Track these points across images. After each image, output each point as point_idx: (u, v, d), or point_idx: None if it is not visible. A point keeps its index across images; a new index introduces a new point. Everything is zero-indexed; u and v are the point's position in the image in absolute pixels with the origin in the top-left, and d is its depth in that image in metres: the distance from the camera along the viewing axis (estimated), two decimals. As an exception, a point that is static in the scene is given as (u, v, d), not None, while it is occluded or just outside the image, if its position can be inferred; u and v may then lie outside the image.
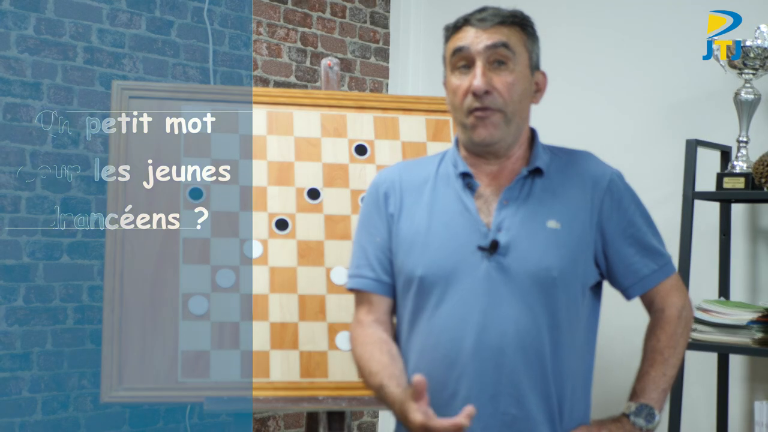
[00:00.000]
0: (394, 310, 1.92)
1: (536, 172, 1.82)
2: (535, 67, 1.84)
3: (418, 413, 1.61)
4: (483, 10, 1.81)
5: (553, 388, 1.75)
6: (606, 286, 1.89)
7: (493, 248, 1.75)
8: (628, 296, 1.87)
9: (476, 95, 1.75)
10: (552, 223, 1.78)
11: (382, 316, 1.90)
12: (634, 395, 1.81)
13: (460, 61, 1.79)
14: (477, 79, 1.75)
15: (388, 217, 1.87)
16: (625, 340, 2.81)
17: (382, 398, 1.76)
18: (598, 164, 1.87)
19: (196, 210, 2.59)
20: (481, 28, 1.78)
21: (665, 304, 1.85)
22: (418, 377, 1.60)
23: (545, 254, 1.75)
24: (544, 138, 1.92)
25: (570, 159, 1.87)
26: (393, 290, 1.89)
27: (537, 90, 1.86)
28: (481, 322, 1.74)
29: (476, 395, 1.74)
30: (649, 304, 1.87)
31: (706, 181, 2.92)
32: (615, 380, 2.62)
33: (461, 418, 1.58)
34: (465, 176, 1.83)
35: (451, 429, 1.58)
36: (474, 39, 1.77)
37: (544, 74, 1.87)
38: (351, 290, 1.92)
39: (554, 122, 3.42)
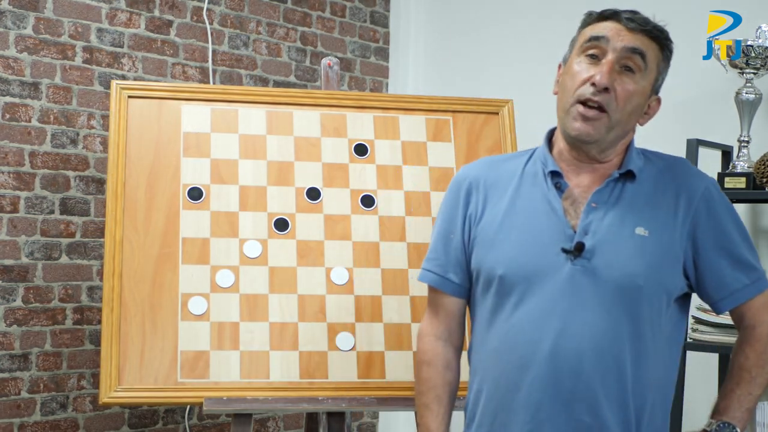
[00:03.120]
0: (465, 309, 1.90)
1: (628, 175, 1.78)
2: (655, 90, 1.81)
3: None
4: (634, 12, 1.77)
5: (632, 398, 1.71)
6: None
7: (577, 251, 1.71)
8: (717, 310, 1.81)
9: (596, 87, 1.71)
10: (640, 230, 1.73)
11: (450, 321, 1.89)
12: (716, 413, 1.77)
13: (592, 48, 1.75)
14: (603, 74, 1.71)
15: (467, 217, 1.84)
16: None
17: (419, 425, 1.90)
18: (694, 172, 1.83)
19: (196, 210, 2.59)
20: (627, 27, 1.74)
21: (756, 321, 1.78)
22: None
23: (631, 261, 1.71)
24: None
25: (665, 165, 1.82)
26: (463, 290, 1.87)
27: (646, 113, 1.82)
28: (560, 326, 1.70)
29: (550, 400, 1.70)
30: (739, 320, 1.81)
31: (707, 181, 2.91)
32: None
33: None
34: (554, 175, 1.79)
35: None
36: (616, 34, 1.74)
37: (659, 100, 1.84)
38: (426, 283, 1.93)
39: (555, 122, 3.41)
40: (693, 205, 1.77)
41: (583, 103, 1.73)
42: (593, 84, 1.71)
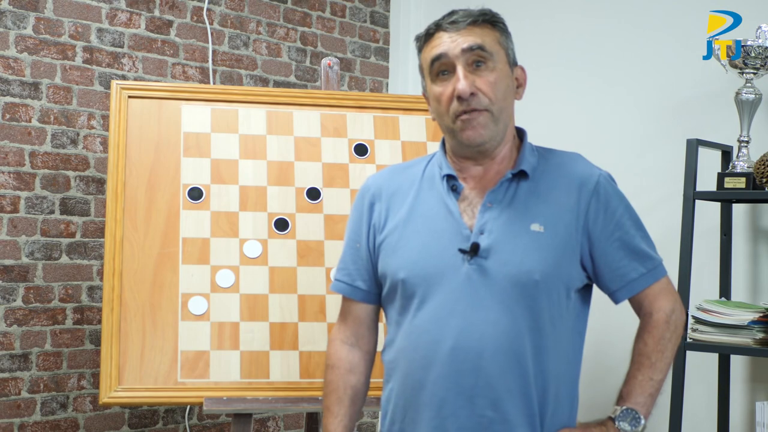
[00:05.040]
0: (376, 315, 1.95)
1: (521, 174, 1.81)
2: (513, 63, 1.84)
3: None
4: (453, 13, 1.80)
5: (534, 391, 1.74)
6: (596, 288, 1.88)
7: (473, 251, 1.75)
8: (615, 300, 1.85)
9: (462, 99, 1.74)
10: (535, 227, 1.77)
11: (359, 326, 1.95)
12: (620, 399, 1.80)
13: (440, 68, 1.78)
14: (461, 82, 1.74)
15: (371, 226, 1.89)
16: (619, 342, 2.80)
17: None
18: (586, 166, 1.86)
19: (196, 210, 2.59)
20: (454, 31, 1.77)
21: (653, 308, 1.83)
22: None
23: (527, 257, 1.74)
24: (544, 139, 1.90)
25: (558, 161, 1.86)
26: (371, 296, 1.92)
27: (518, 86, 1.85)
28: (460, 324, 1.74)
29: (453, 397, 1.74)
30: (638, 308, 1.86)
31: (707, 181, 2.92)
32: (610, 382, 2.61)
33: None
34: (449, 178, 1.83)
35: None
36: (450, 44, 1.76)
37: (522, 69, 1.87)
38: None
39: (555, 123, 3.41)
40: (586, 199, 1.80)
41: (461, 114, 1.76)
42: (459, 97, 1.75)
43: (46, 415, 3.08)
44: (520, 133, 1.88)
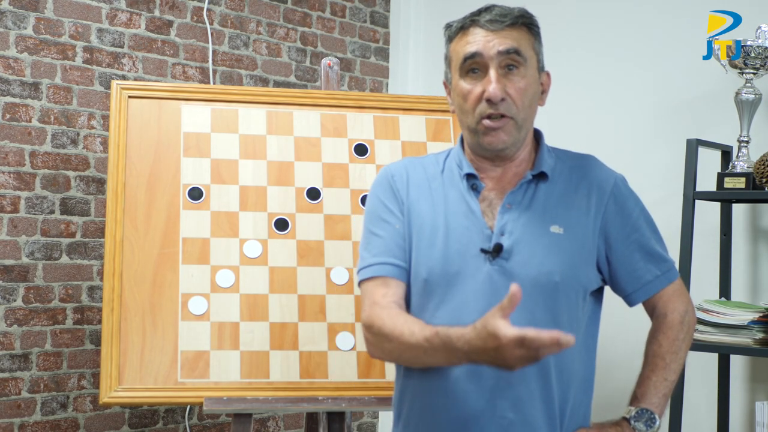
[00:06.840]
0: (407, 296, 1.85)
1: (541, 176, 1.81)
2: (541, 68, 1.82)
3: (510, 328, 1.45)
4: (490, 9, 1.77)
5: (556, 392, 1.74)
6: (607, 290, 1.88)
7: (496, 252, 1.74)
8: (630, 302, 1.85)
9: (491, 102, 1.72)
10: (555, 228, 1.76)
11: (399, 300, 1.80)
12: (634, 400, 1.81)
13: (471, 65, 1.76)
14: (493, 86, 1.72)
15: (402, 205, 1.83)
16: (626, 342, 2.80)
17: (434, 347, 1.62)
18: (602, 169, 1.86)
19: (196, 210, 2.59)
20: (491, 31, 1.74)
21: (667, 309, 1.84)
22: (514, 287, 1.45)
23: (547, 259, 1.74)
24: (544, 139, 1.91)
25: (574, 163, 1.85)
26: (408, 276, 1.82)
27: (542, 91, 1.84)
28: None
29: (473, 399, 1.73)
30: (651, 310, 1.86)
31: (706, 181, 2.92)
32: (616, 383, 2.62)
33: (541, 334, 1.42)
34: (470, 177, 1.81)
35: (550, 342, 1.42)
36: (485, 43, 1.74)
37: (548, 75, 1.86)
38: (368, 279, 1.81)
39: (554, 122, 3.41)
40: (603, 202, 1.80)
41: (487, 117, 1.74)
42: (488, 99, 1.72)
43: (47, 415, 3.08)
44: (536, 134, 1.87)
